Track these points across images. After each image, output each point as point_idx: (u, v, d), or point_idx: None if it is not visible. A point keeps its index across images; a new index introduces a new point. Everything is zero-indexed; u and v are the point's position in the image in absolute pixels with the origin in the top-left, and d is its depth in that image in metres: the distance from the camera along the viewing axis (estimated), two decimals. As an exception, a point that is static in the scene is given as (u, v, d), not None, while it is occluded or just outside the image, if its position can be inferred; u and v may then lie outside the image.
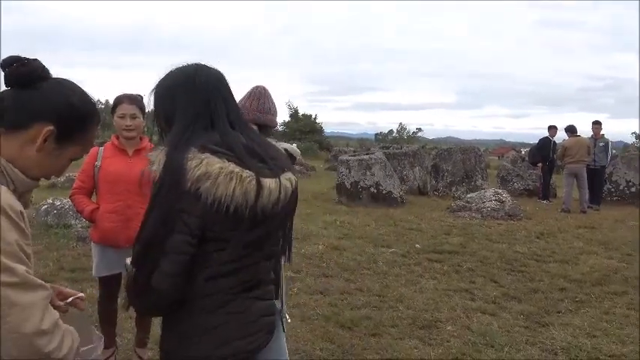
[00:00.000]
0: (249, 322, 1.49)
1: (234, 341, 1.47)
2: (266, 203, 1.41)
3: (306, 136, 38.50)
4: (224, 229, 1.40)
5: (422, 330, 4.03)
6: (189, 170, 1.33)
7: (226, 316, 1.46)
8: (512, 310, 4.56)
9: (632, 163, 12.37)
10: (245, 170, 1.38)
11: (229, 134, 1.45)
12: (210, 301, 1.44)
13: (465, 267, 5.91)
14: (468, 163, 12.58)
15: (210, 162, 1.35)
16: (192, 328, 1.45)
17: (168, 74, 1.53)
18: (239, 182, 1.36)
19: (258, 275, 1.53)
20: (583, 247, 7.16)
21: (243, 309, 1.48)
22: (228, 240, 1.41)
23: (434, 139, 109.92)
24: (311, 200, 10.72)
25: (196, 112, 1.45)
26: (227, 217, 1.37)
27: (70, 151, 1.28)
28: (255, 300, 1.52)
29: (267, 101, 2.65)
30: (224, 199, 1.34)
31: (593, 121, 12.04)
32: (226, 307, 1.46)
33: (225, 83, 1.54)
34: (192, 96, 1.46)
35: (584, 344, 3.84)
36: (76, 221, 6.91)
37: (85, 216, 3.15)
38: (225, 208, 1.35)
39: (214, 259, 1.42)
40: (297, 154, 2.79)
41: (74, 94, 1.28)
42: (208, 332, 1.45)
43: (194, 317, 1.45)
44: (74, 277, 4.92)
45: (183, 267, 1.37)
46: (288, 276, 5.20)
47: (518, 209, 9.60)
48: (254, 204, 1.38)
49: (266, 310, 1.55)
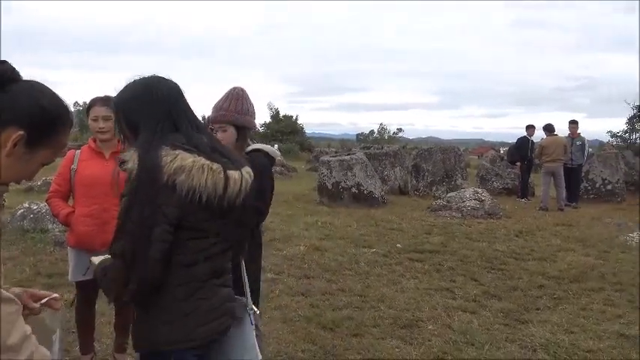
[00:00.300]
0: (216, 308, 1.66)
1: (204, 325, 1.63)
2: (231, 194, 1.58)
3: (287, 137, 38.42)
4: (198, 219, 1.55)
5: (403, 329, 4.05)
6: (165, 165, 1.48)
7: (197, 302, 1.61)
8: (492, 308, 4.60)
9: (607, 162, 12.61)
10: (214, 163, 1.55)
11: (194, 136, 1.61)
12: (183, 288, 1.59)
13: (446, 266, 5.95)
14: (447, 162, 12.69)
15: (183, 157, 1.51)
16: (166, 314, 1.59)
17: (129, 87, 1.67)
18: (210, 173, 1.52)
19: (224, 264, 1.71)
20: (561, 245, 7.28)
21: (211, 295, 1.65)
22: (202, 229, 1.58)
23: (414, 139, 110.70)
24: (292, 201, 10.71)
25: (161, 120, 1.59)
26: (200, 206, 1.53)
27: (40, 155, 1.25)
28: (221, 287, 1.69)
29: (245, 102, 2.64)
30: (198, 189, 1.50)
31: (569, 121, 12.27)
32: (197, 294, 1.61)
33: (183, 95, 1.69)
34: (155, 107, 1.60)
35: (563, 340, 3.90)
36: (54, 225, 6.79)
37: (61, 220, 3.10)
38: (198, 197, 1.51)
39: (189, 247, 1.58)
40: (276, 156, 2.79)
41: (45, 96, 1.25)
42: (181, 318, 1.59)
43: (168, 304, 1.59)
44: (51, 283, 4.83)
45: (164, 254, 1.52)
46: (270, 278, 5.19)
47: (497, 208, 9.71)
48: (222, 194, 1.55)
49: (228, 297, 1.74)
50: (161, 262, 1.52)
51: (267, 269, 5.41)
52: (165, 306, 1.59)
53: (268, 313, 4.24)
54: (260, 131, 41.04)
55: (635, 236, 7.48)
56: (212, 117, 2.67)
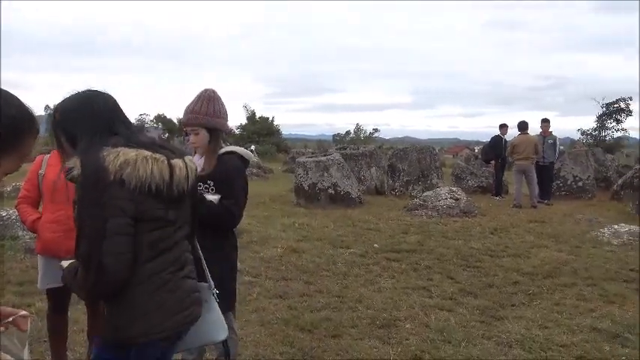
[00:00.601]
0: (183, 299, 1.76)
1: (174, 316, 1.72)
2: (179, 181, 1.67)
3: (264, 138, 38.27)
4: (152, 209, 1.63)
5: (381, 329, 4.06)
6: (110, 163, 1.55)
7: (165, 295, 1.70)
8: (469, 305, 4.65)
9: (578, 159, 12.89)
10: (156, 154, 1.64)
11: (132, 135, 1.71)
12: (151, 281, 1.67)
13: (423, 265, 6.00)
14: (423, 162, 12.79)
15: (125, 152, 1.59)
16: (137, 308, 1.66)
17: (67, 100, 1.73)
18: (155, 163, 1.61)
19: (183, 254, 1.79)
20: (534, 241, 7.40)
21: (177, 287, 1.74)
22: (158, 218, 1.66)
23: (391, 139, 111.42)
24: (269, 203, 10.67)
25: (99, 130, 1.67)
26: (151, 195, 1.61)
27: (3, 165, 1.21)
28: (185, 278, 1.78)
29: (216, 104, 2.61)
30: (145, 179, 1.58)
31: (542, 119, 12.48)
32: (165, 287, 1.70)
33: (119, 106, 1.78)
34: (93, 120, 1.68)
35: (537, 335, 3.96)
36: (24, 232, 6.61)
37: (28, 226, 3.04)
38: (147, 188, 1.59)
39: (150, 239, 1.65)
40: (250, 158, 2.77)
41: (9, 105, 1.21)
42: (152, 311, 1.68)
43: (138, 298, 1.66)
44: (22, 291, 4.71)
45: (128, 246, 1.59)
46: (247, 281, 5.15)
47: (472, 206, 9.83)
48: (170, 182, 1.64)
49: (194, 287, 1.84)
50: (127, 254, 1.59)
51: (244, 272, 5.38)
52: (136, 300, 1.66)
53: (246, 316, 4.21)
54: (236, 133, 40.80)
55: (606, 232, 7.66)
56: (183, 120, 2.64)
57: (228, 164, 2.64)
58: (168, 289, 1.71)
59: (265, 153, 32.00)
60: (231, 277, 2.79)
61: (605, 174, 14.56)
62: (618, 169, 15.85)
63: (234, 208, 2.60)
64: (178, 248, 1.75)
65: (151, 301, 1.67)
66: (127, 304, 1.66)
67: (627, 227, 7.70)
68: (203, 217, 2.60)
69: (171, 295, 1.71)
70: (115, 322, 1.70)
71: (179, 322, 1.75)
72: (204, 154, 2.67)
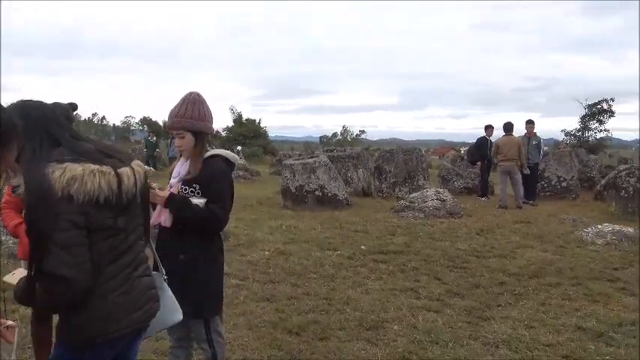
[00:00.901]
0: (139, 298, 1.83)
1: (130, 315, 1.79)
2: (127, 189, 1.72)
3: (251, 140, 38.20)
4: (100, 219, 1.66)
5: (369, 331, 4.07)
6: (56, 181, 1.56)
7: (122, 296, 1.76)
8: (456, 306, 4.68)
9: (562, 160, 13.03)
10: (103, 165, 1.66)
11: (76, 145, 1.71)
12: (109, 285, 1.72)
13: (410, 266, 6.02)
14: (410, 163, 12.84)
15: (71, 167, 1.60)
16: (97, 310, 1.71)
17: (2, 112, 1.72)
18: (102, 176, 1.64)
19: (137, 255, 1.85)
20: (520, 242, 7.47)
21: (133, 288, 1.80)
22: (110, 227, 1.70)
23: (378, 140, 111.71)
24: (256, 206, 10.64)
25: (40, 138, 1.67)
26: (100, 207, 1.64)
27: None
28: (140, 277, 1.85)
29: (201, 108, 2.60)
30: (93, 193, 1.61)
31: (526, 121, 12.58)
32: (121, 288, 1.76)
33: (58, 114, 1.77)
34: (33, 129, 1.68)
35: (523, 335, 3.99)
36: (7, 237, 6.52)
37: (9, 231, 3.01)
38: (96, 200, 1.62)
39: (105, 247, 1.70)
40: (235, 160, 2.75)
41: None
42: (108, 312, 1.73)
43: (97, 300, 1.70)
44: (6, 296, 4.62)
45: (86, 255, 1.63)
46: (234, 284, 5.13)
47: (458, 207, 9.89)
48: (119, 192, 1.68)
49: (150, 285, 1.91)
50: (88, 264, 1.63)
51: (231, 275, 5.35)
52: (94, 303, 1.70)
53: (233, 319, 4.19)
54: (222, 135, 40.63)
55: (590, 231, 7.75)
56: (168, 124, 2.62)
57: (213, 167, 2.63)
58: (124, 290, 1.77)
59: (252, 155, 31.94)
60: (218, 281, 2.78)
61: (589, 174, 14.76)
62: (601, 169, 16.09)
63: (220, 211, 2.59)
64: (132, 251, 1.81)
65: (108, 303, 1.73)
66: (84, 307, 1.70)
67: (611, 227, 7.80)
68: (189, 220, 2.59)
69: (127, 297, 1.77)
70: (73, 323, 1.73)
71: (136, 320, 1.81)
72: (189, 157, 2.66)
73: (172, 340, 2.87)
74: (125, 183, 1.70)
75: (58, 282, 1.59)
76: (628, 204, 9.88)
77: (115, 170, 1.68)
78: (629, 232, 7.52)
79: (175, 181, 2.69)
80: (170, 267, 2.63)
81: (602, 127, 35.72)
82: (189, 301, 2.62)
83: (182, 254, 2.61)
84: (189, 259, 2.62)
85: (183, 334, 2.82)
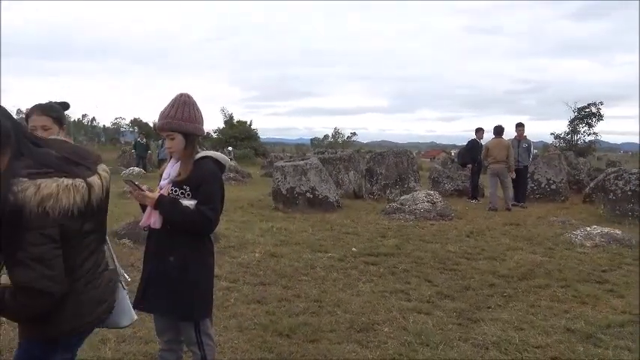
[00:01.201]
0: (104, 291, 1.96)
1: (97, 308, 1.92)
2: (97, 197, 1.79)
3: (242, 142, 38.11)
4: (75, 226, 1.74)
5: (360, 333, 4.07)
6: (30, 198, 1.58)
7: (91, 292, 1.88)
8: (446, 308, 4.69)
9: (551, 163, 13.14)
10: (76, 179, 1.71)
11: (39, 153, 1.72)
12: (79, 284, 1.83)
13: (401, 268, 6.03)
14: (400, 165, 12.89)
15: (46, 185, 1.62)
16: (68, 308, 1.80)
17: None
18: (76, 191, 1.69)
19: (100, 252, 1.97)
20: (509, 244, 7.51)
21: (100, 284, 1.93)
22: (81, 232, 1.78)
23: (369, 142, 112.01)
24: (247, 207, 10.62)
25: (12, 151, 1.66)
26: (74, 218, 1.71)
27: None
28: (103, 272, 1.98)
29: (191, 109, 2.59)
30: (68, 208, 1.67)
31: (516, 124, 12.68)
32: (90, 285, 1.87)
33: (16, 120, 1.76)
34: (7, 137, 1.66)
35: (513, 337, 4.01)
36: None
37: None
38: (70, 213, 1.68)
39: (76, 250, 1.79)
40: (226, 162, 2.75)
41: None
42: (80, 308, 1.84)
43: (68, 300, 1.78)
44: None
45: (60, 267, 1.70)
46: (225, 286, 5.11)
47: (449, 209, 9.93)
48: (89, 201, 1.75)
49: (111, 277, 2.05)
50: (62, 274, 1.70)
51: (221, 277, 5.33)
52: (68, 301, 1.78)
53: (224, 322, 4.17)
54: (213, 137, 40.52)
55: (579, 234, 7.81)
56: (158, 125, 2.61)
57: (204, 169, 2.62)
58: (93, 286, 1.89)
59: (243, 157, 31.87)
60: (209, 283, 2.77)
61: (578, 177, 14.90)
62: (590, 172, 16.22)
63: (210, 213, 2.58)
64: (97, 250, 1.94)
65: (81, 300, 1.84)
66: (58, 307, 1.77)
67: (599, 229, 7.87)
68: (179, 222, 2.58)
69: (96, 291, 1.90)
70: (47, 322, 1.79)
71: (101, 312, 1.96)
72: (180, 159, 2.65)
73: (162, 342, 2.85)
74: (95, 192, 1.78)
75: (36, 295, 1.65)
76: (616, 206, 9.98)
77: (86, 182, 1.75)
78: (617, 235, 7.59)
79: (165, 182, 2.67)
80: (160, 269, 2.62)
81: (591, 131, 36.10)
82: (179, 303, 2.61)
83: (172, 256, 2.60)
84: (180, 261, 2.60)
85: (173, 336, 2.80)
